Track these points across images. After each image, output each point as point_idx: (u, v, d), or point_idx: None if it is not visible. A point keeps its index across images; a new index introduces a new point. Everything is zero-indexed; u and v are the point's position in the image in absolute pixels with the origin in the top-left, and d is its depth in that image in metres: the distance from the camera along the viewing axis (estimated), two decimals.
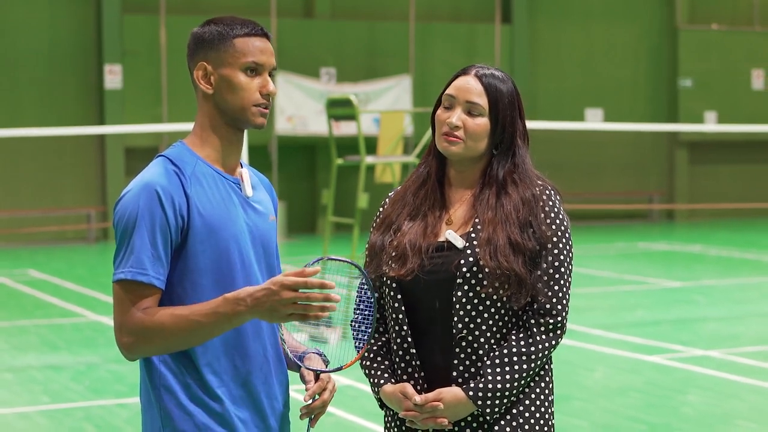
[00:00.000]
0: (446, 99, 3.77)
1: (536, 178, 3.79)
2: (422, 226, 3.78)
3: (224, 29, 3.47)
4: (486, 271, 3.63)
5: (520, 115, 3.81)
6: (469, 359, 3.68)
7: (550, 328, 3.67)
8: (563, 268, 3.71)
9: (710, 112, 29.47)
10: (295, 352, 3.60)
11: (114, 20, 24.47)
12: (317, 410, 3.53)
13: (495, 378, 3.62)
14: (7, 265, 20.57)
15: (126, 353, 3.36)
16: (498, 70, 3.81)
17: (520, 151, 3.79)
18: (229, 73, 3.45)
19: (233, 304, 3.25)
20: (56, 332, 13.46)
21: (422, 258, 3.71)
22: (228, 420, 3.46)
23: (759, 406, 9.55)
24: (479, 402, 3.62)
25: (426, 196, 3.83)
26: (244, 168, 3.62)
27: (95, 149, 24.91)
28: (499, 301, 3.66)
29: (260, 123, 3.50)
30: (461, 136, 3.73)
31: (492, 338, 3.68)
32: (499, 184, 3.74)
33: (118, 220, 3.40)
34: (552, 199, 3.74)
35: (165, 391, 3.44)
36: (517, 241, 3.64)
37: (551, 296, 3.67)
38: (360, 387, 10.20)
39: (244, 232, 3.49)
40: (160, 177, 3.40)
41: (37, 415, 9.50)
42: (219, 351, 3.45)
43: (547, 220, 3.70)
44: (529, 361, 3.64)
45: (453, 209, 3.80)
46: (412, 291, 3.75)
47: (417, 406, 3.69)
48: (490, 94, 3.74)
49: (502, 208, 3.70)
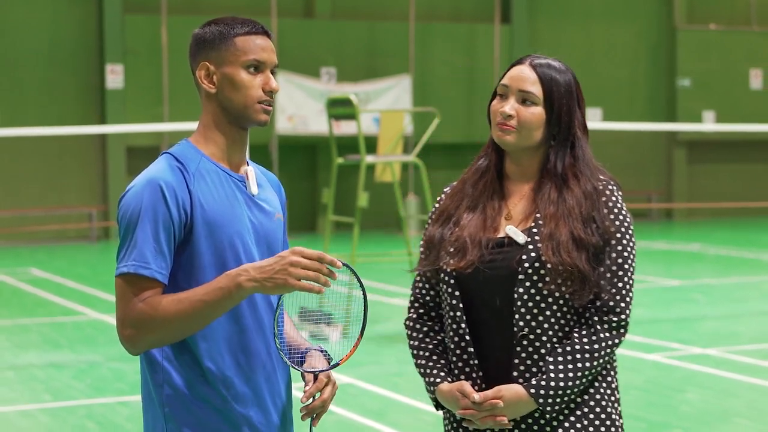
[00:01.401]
0: (501, 89, 3.70)
1: (598, 171, 3.71)
2: (481, 219, 3.69)
3: (225, 29, 3.48)
4: (548, 267, 3.54)
5: (579, 106, 3.73)
6: (530, 358, 3.59)
7: (614, 326, 3.58)
8: (627, 264, 3.61)
9: (709, 112, 29.48)
10: (298, 349, 3.60)
11: (115, 20, 24.49)
12: (317, 410, 3.52)
13: (557, 375, 3.54)
14: (9, 264, 20.59)
15: (129, 346, 3.34)
16: (556, 60, 3.73)
17: (579, 143, 3.70)
18: (231, 72, 3.46)
19: (234, 276, 3.24)
20: (58, 330, 13.48)
21: (482, 251, 3.63)
22: (231, 417, 3.45)
23: (757, 404, 9.58)
24: (540, 400, 3.53)
25: (485, 188, 3.74)
26: (250, 166, 3.62)
27: (97, 149, 24.93)
28: (561, 298, 3.58)
29: (264, 120, 3.50)
30: (515, 126, 3.65)
31: (554, 336, 3.59)
32: (559, 177, 3.65)
33: (121, 215, 3.40)
34: (615, 193, 3.66)
35: (168, 388, 3.43)
36: (580, 236, 3.56)
37: (615, 293, 3.59)
38: (360, 385, 10.23)
39: (248, 229, 3.49)
40: (164, 173, 3.40)
41: (39, 413, 9.51)
42: (222, 348, 3.43)
43: (611, 215, 3.61)
44: (591, 359, 3.55)
45: (512, 203, 3.72)
46: (470, 286, 3.66)
47: (475, 405, 3.59)
48: (544, 83, 3.65)
49: (564, 203, 3.61)
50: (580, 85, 3.76)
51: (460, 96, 27.46)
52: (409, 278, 15.43)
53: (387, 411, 9.53)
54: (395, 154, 14.04)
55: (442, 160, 27.04)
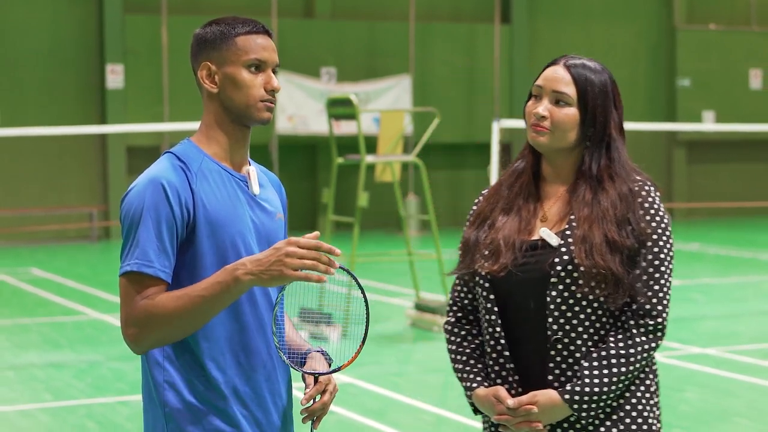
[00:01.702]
0: (535, 89, 3.66)
1: (634, 172, 3.66)
2: (516, 221, 3.65)
3: (226, 28, 3.48)
4: (581, 270, 3.50)
5: (615, 106, 3.67)
6: (565, 362, 3.55)
7: (650, 329, 3.52)
8: (663, 267, 3.55)
9: (708, 112, 29.50)
10: (298, 350, 3.60)
11: (116, 20, 24.51)
12: (318, 412, 3.51)
13: (592, 381, 3.49)
14: (9, 264, 20.60)
15: (133, 345, 3.33)
16: (592, 60, 3.68)
17: (615, 144, 3.65)
18: (232, 71, 3.46)
19: (231, 270, 3.23)
20: (58, 330, 13.50)
21: (515, 254, 3.59)
22: (231, 417, 3.44)
23: (756, 403, 9.60)
24: (575, 405, 3.49)
25: (520, 190, 3.70)
26: (252, 166, 3.62)
27: (97, 148, 24.95)
28: (595, 301, 3.52)
29: (266, 117, 3.50)
30: (548, 127, 3.60)
31: (589, 340, 3.55)
32: (594, 179, 3.60)
33: (124, 214, 3.40)
34: (651, 195, 3.60)
35: (168, 388, 3.42)
36: (614, 239, 3.50)
37: (651, 296, 3.52)
38: (361, 385, 10.25)
39: (250, 229, 3.48)
40: (166, 172, 3.40)
41: (40, 412, 9.53)
42: (223, 347, 3.43)
43: (647, 216, 3.55)
44: (627, 364, 3.50)
45: (548, 205, 3.67)
46: (505, 290, 3.63)
47: (510, 410, 3.56)
48: (578, 83, 3.61)
49: (599, 205, 3.55)
50: (617, 86, 3.71)
51: (460, 96, 27.47)
52: (408, 278, 15.45)
53: (387, 411, 9.55)
54: (395, 154, 14.06)
55: (442, 160, 27.08)
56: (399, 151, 14.40)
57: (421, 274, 14.44)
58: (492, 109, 27.27)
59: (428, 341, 12.59)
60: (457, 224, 27.66)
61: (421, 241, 23.10)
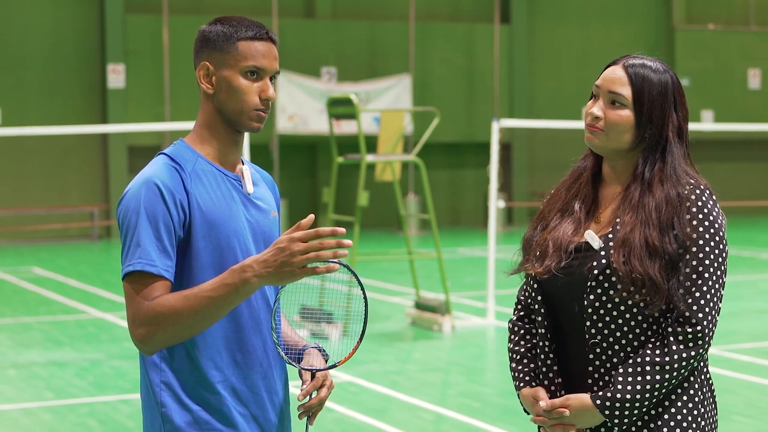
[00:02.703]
0: (594, 89, 3.60)
1: (687, 176, 3.54)
2: (569, 223, 3.61)
3: (229, 30, 3.44)
4: (619, 274, 3.41)
5: (676, 109, 3.54)
6: (603, 366, 3.49)
7: (689, 338, 3.40)
8: (708, 273, 3.42)
9: (707, 111, 29.52)
10: (295, 347, 3.61)
11: (117, 20, 24.54)
12: (314, 408, 3.50)
13: (625, 387, 3.40)
14: (11, 263, 20.61)
15: (142, 346, 3.31)
16: (655, 60, 3.58)
17: (671, 147, 3.53)
18: (229, 76, 3.44)
19: (239, 272, 3.20)
20: (60, 329, 13.50)
21: (561, 256, 3.54)
22: (228, 415, 3.44)
23: (755, 402, 9.62)
24: (606, 411, 3.42)
25: (578, 192, 3.65)
26: (245, 165, 3.60)
27: (98, 148, 24.97)
28: (634, 306, 3.44)
29: (255, 128, 3.48)
30: (602, 127, 3.54)
31: (628, 346, 3.47)
32: (645, 182, 3.50)
33: (122, 218, 3.38)
34: (702, 199, 3.49)
35: (165, 388, 3.42)
36: (654, 244, 3.41)
37: (691, 304, 3.40)
38: (361, 383, 10.26)
39: (245, 228, 3.47)
40: (160, 173, 3.39)
41: (41, 410, 9.53)
42: (220, 346, 3.43)
43: (693, 221, 3.44)
44: (663, 372, 3.39)
45: (603, 207, 3.61)
46: (552, 291, 3.59)
47: (546, 412, 3.52)
48: (635, 84, 3.51)
49: (644, 208, 3.46)
50: (681, 87, 3.61)
51: (459, 95, 27.49)
52: (408, 277, 15.48)
53: (387, 409, 9.55)
54: (395, 154, 14.07)
55: (441, 160, 27.10)
56: (399, 150, 14.41)
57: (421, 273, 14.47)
58: (492, 108, 27.29)
59: (428, 340, 12.61)
60: (457, 223, 27.70)
61: (421, 240, 23.12)
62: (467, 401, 9.65)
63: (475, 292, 15.45)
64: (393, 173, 13.74)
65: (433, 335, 12.77)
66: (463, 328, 13.11)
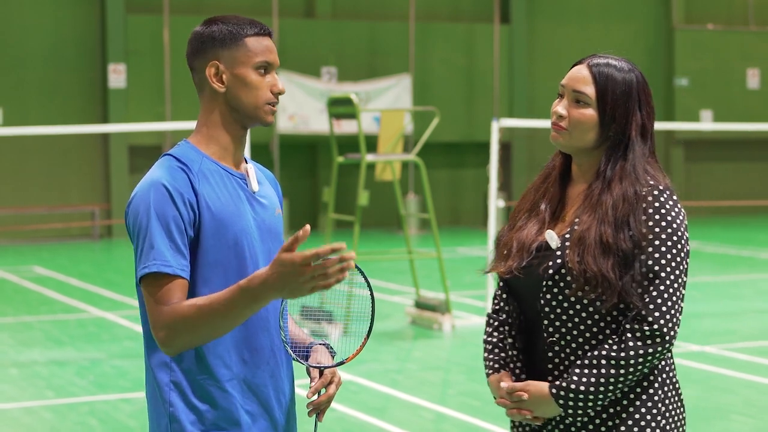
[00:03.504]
0: (560, 88, 3.62)
1: (648, 176, 3.55)
2: (536, 223, 3.64)
3: (235, 28, 3.48)
4: (573, 273, 3.46)
5: (640, 108, 3.57)
6: (562, 364, 3.55)
7: (647, 335, 3.42)
8: (665, 273, 3.45)
9: (706, 111, 29.54)
10: (302, 344, 3.63)
11: (118, 20, 24.56)
12: (323, 405, 3.52)
13: (580, 380, 3.45)
14: (12, 262, 20.63)
15: (164, 348, 3.32)
16: (620, 59, 3.62)
17: (634, 146, 3.55)
18: (242, 72, 3.46)
19: (250, 297, 3.18)
20: (61, 328, 13.53)
21: (522, 256, 3.58)
22: (235, 414, 3.45)
23: (753, 401, 9.64)
24: (561, 401, 3.47)
25: (545, 192, 3.69)
26: (249, 163, 3.63)
27: (99, 147, 24.99)
28: (590, 305, 3.48)
29: (270, 121, 3.52)
30: (566, 126, 3.56)
31: (586, 344, 3.52)
32: (606, 180, 3.53)
33: (132, 221, 3.39)
34: (660, 199, 3.49)
35: (174, 388, 3.43)
36: (608, 241, 3.44)
37: (648, 302, 3.43)
38: (361, 382, 10.29)
39: (251, 226, 3.48)
40: (167, 174, 3.40)
41: (42, 409, 9.55)
42: (229, 345, 3.43)
43: (650, 222, 3.46)
44: (618, 367, 3.43)
45: (569, 206, 3.65)
46: (517, 290, 3.65)
47: (507, 395, 3.57)
48: (598, 83, 3.54)
49: (601, 206, 3.49)
50: (647, 86, 3.63)
51: (459, 95, 27.51)
52: (408, 276, 15.50)
53: (387, 408, 9.58)
54: (395, 153, 14.09)
55: (441, 159, 27.12)
56: (399, 150, 14.44)
57: (421, 272, 14.50)
58: (491, 108, 27.31)
59: (428, 339, 12.64)
60: (457, 223, 27.72)
61: (421, 240, 23.14)
62: (467, 400, 9.68)
63: (474, 291, 15.47)
64: (393, 173, 13.76)
65: (433, 334, 12.80)
66: (463, 327, 13.14)
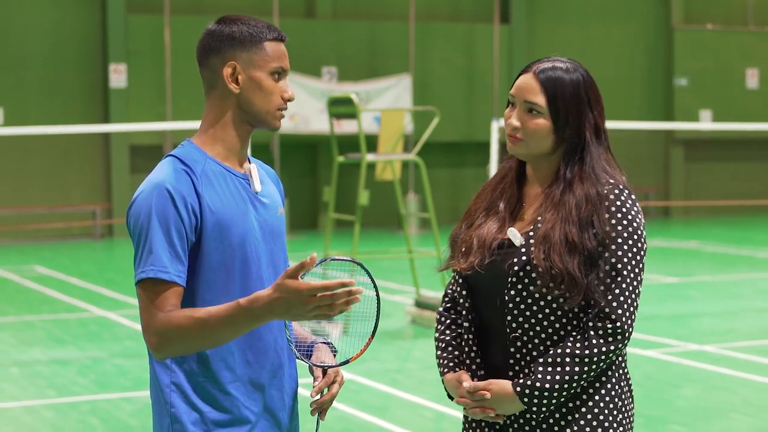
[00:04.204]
0: (510, 97, 3.65)
1: (606, 175, 3.62)
2: (495, 222, 3.67)
3: (255, 31, 3.47)
4: (539, 270, 3.50)
5: (590, 107, 3.64)
6: (524, 359, 3.59)
7: (609, 332, 3.49)
8: (626, 271, 3.52)
9: (705, 111, 29.55)
10: (304, 343, 3.62)
11: (119, 20, 24.57)
12: (327, 404, 3.52)
13: (545, 377, 3.50)
14: (13, 261, 20.65)
15: (154, 353, 3.33)
16: (565, 61, 3.67)
17: (590, 147, 3.62)
18: (259, 76, 3.46)
19: (250, 317, 3.20)
20: (62, 327, 13.54)
21: (484, 253, 3.62)
22: (238, 415, 3.46)
23: (752, 400, 9.65)
24: (525, 399, 3.51)
25: (503, 192, 3.73)
26: (252, 163, 3.62)
27: (100, 147, 25.00)
28: (554, 301, 3.53)
29: (279, 126, 3.53)
30: (522, 137, 3.61)
31: (548, 339, 3.57)
32: (566, 182, 3.58)
33: (132, 223, 3.38)
34: (621, 198, 3.58)
35: (175, 389, 3.44)
36: (573, 240, 3.49)
37: (611, 300, 3.50)
38: (361, 381, 10.30)
39: (254, 227, 3.48)
40: (170, 176, 3.38)
41: (43, 408, 9.57)
42: (232, 346, 3.43)
43: (612, 220, 3.53)
44: (582, 364, 3.49)
45: (527, 206, 3.69)
46: (476, 287, 3.68)
47: (468, 393, 3.60)
48: (547, 90, 3.58)
49: (564, 206, 3.54)
50: (594, 83, 3.70)
51: (459, 95, 27.53)
52: (408, 275, 15.53)
53: (388, 407, 9.60)
54: (395, 153, 14.11)
55: (441, 159, 27.13)
56: (399, 149, 14.46)
57: (421, 271, 14.51)
58: (491, 108, 27.32)
59: (428, 338, 12.65)
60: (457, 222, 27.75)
61: (421, 239, 23.15)
62: None
63: None
64: (393, 172, 13.78)
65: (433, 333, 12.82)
66: None
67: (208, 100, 3.54)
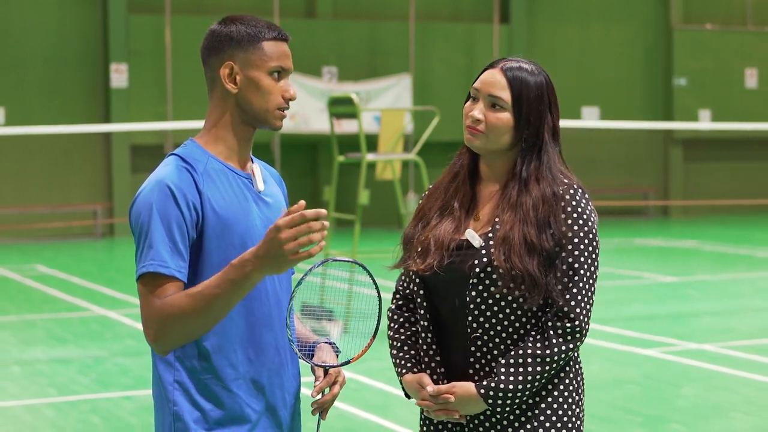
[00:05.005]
0: (473, 91, 3.68)
1: (562, 176, 3.66)
2: (450, 222, 3.69)
3: (254, 31, 3.48)
4: (500, 271, 3.53)
5: (550, 110, 3.67)
6: (484, 358, 3.61)
7: (568, 331, 3.56)
8: (583, 270, 3.58)
9: (704, 110, 29.55)
10: (307, 342, 3.64)
11: (120, 20, 24.58)
12: (328, 404, 3.54)
13: (507, 378, 3.53)
14: (15, 261, 20.64)
15: (154, 345, 3.33)
16: (530, 63, 3.69)
17: (547, 147, 3.65)
18: (256, 76, 3.46)
19: (240, 267, 3.19)
20: (63, 326, 13.53)
21: (443, 254, 3.64)
22: (240, 413, 3.47)
23: (752, 399, 9.65)
24: (489, 401, 3.55)
25: (456, 191, 3.74)
26: (255, 163, 3.62)
27: (101, 147, 25.02)
28: (514, 302, 3.56)
29: (280, 126, 3.52)
30: (483, 130, 3.63)
31: (508, 339, 3.60)
32: (522, 181, 3.62)
33: (134, 220, 3.39)
34: (576, 198, 3.61)
35: (178, 387, 3.44)
36: (532, 241, 3.53)
37: (569, 299, 3.56)
38: (362, 380, 10.30)
39: (257, 226, 3.48)
40: (172, 174, 3.39)
41: (45, 407, 9.56)
42: (234, 344, 3.44)
43: (568, 220, 3.57)
44: (543, 364, 3.54)
45: (482, 205, 3.71)
46: (435, 287, 3.70)
47: (431, 397, 3.63)
48: (513, 87, 3.61)
49: (522, 207, 3.57)
50: (554, 88, 3.73)
51: (459, 95, 27.51)
52: None
53: (389, 406, 9.59)
54: (396, 152, 14.13)
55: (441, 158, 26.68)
56: (399, 149, 14.47)
57: None
58: None
59: None
60: None
61: None
62: None
63: None
64: (393, 172, 13.79)
65: None
66: None
67: (210, 100, 3.55)
